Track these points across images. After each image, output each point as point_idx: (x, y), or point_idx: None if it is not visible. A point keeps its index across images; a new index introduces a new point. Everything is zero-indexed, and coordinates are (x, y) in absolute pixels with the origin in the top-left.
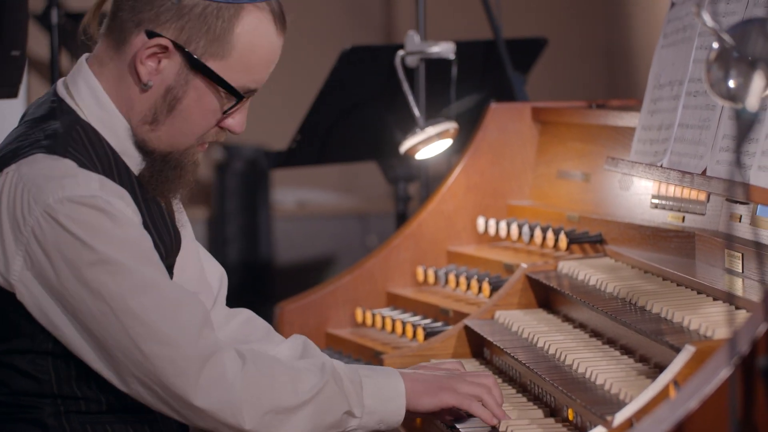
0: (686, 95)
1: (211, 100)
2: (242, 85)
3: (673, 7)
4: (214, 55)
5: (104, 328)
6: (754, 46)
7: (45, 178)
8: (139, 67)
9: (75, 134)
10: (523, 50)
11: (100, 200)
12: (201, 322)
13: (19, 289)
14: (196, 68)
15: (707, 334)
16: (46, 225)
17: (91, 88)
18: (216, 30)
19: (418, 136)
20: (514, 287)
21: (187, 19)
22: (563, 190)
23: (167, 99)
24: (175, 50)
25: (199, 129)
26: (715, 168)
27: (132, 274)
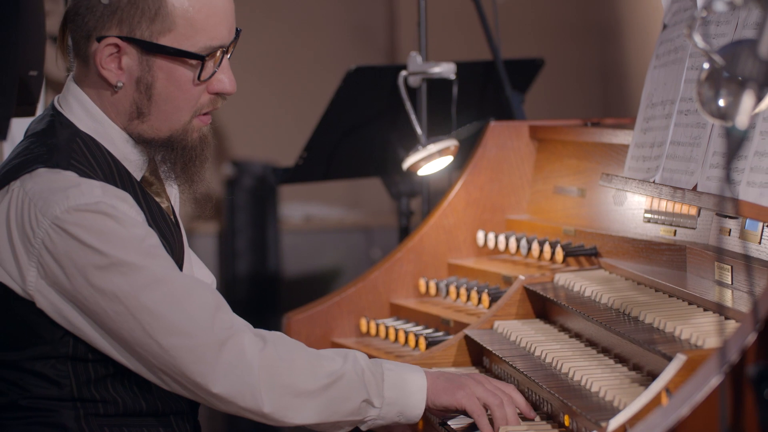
0: (678, 114)
1: (180, 73)
2: (203, 47)
3: (665, 29)
4: (160, 32)
5: (122, 326)
6: (744, 66)
7: (50, 191)
8: (104, 72)
9: (75, 146)
10: (521, 71)
11: (103, 205)
12: (214, 308)
13: (38, 298)
14: (151, 51)
15: (698, 343)
16: (56, 235)
17: (80, 103)
18: (150, 9)
19: (420, 153)
20: (512, 298)
21: (121, 11)
22: (560, 205)
23: (141, 89)
24: (125, 44)
25: (185, 103)
26: (706, 184)
27: (141, 272)
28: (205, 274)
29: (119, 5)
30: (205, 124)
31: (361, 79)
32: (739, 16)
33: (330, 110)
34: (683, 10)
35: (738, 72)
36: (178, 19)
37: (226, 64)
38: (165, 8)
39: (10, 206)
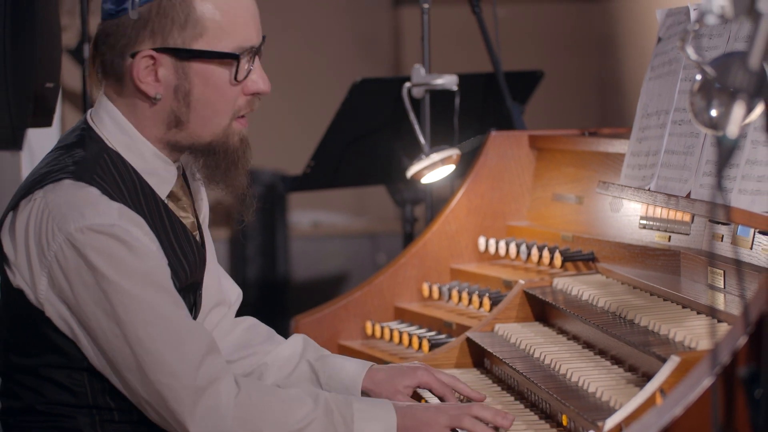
0: (672, 124)
1: (217, 76)
2: (235, 47)
3: (660, 42)
4: (192, 38)
5: (116, 350)
6: (734, 77)
7: (68, 206)
8: (142, 86)
9: (102, 161)
10: (521, 82)
11: (118, 229)
12: (204, 352)
13: (46, 307)
14: (186, 57)
15: (691, 345)
16: (68, 252)
17: (113, 118)
18: (180, 17)
19: (423, 162)
20: (512, 302)
21: (152, 24)
22: (558, 212)
23: (180, 98)
24: (160, 55)
25: (223, 106)
26: (699, 191)
27: (142, 304)
28: (232, 287)
29: (149, 18)
30: (244, 126)
31: (367, 90)
32: (731, 29)
33: (336, 120)
34: (677, 24)
35: (729, 83)
36: (207, 23)
37: (258, 65)
38: (194, 14)
39: (30, 215)
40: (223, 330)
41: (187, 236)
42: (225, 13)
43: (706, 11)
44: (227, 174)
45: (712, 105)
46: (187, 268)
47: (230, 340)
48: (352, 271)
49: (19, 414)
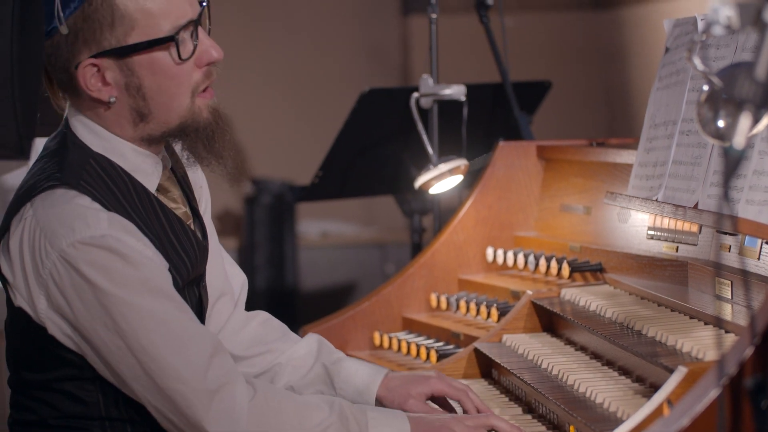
0: (679, 134)
1: (161, 61)
2: (171, 28)
3: (668, 53)
4: (126, 34)
5: (121, 361)
6: (741, 88)
7: (58, 222)
8: (94, 94)
9: (88, 166)
10: (529, 92)
11: (109, 239)
12: (211, 353)
13: (48, 325)
14: (125, 54)
15: (699, 356)
16: (62, 268)
17: (85, 125)
18: (106, 18)
19: (431, 172)
20: (520, 312)
21: (82, 32)
22: (566, 222)
23: (132, 94)
24: (100, 60)
25: (179, 87)
26: (706, 202)
27: (142, 313)
28: (237, 273)
29: (78, 28)
30: (210, 98)
31: (375, 100)
32: (738, 39)
33: (344, 130)
34: (684, 34)
35: (735, 94)
36: (135, 15)
37: (203, 35)
38: (118, 11)
39: (23, 234)
40: (236, 325)
41: (184, 230)
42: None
43: (713, 22)
44: (210, 148)
45: (719, 115)
46: (188, 264)
47: (245, 336)
48: (360, 281)
49: (32, 428)
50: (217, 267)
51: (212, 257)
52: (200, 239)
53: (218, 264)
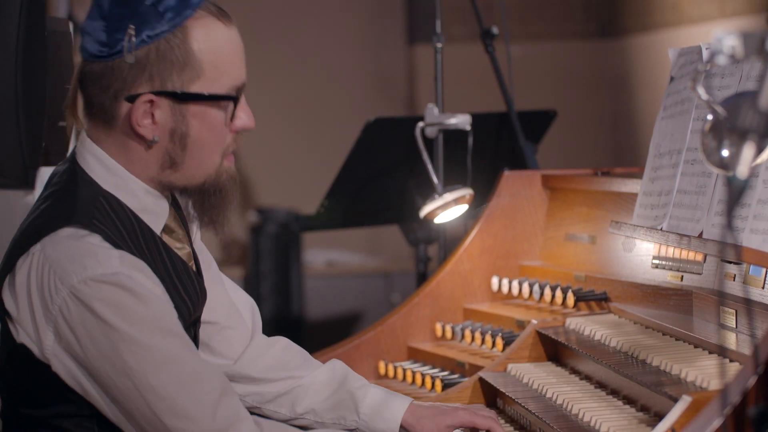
0: (684, 163)
1: (213, 116)
2: (230, 87)
3: (672, 82)
4: (191, 80)
5: (129, 400)
6: (745, 117)
7: (68, 259)
8: (139, 129)
9: (98, 204)
10: (534, 122)
11: (122, 276)
12: (219, 393)
13: (53, 362)
14: (184, 100)
15: (703, 385)
16: (72, 305)
17: (98, 159)
18: (178, 58)
19: (436, 202)
20: (525, 342)
21: (150, 67)
22: (571, 252)
23: (176, 140)
24: (158, 98)
25: (216, 147)
26: (711, 231)
27: (152, 352)
28: (243, 299)
29: (147, 61)
30: (231, 163)
31: (380, 130)
32: (743, 68)
33: (350, 160)
34: (689, 63)
35: (739, 123)
36: (204, 65)
37: (243, 101)
38: (192, 55)
39: (30, 270)
40: (257, 350)
41: (187, 271)
42: (220, 53)
43: (717, 51)
44: (217, 211)
45: (723, 145)
46: (190, 306)
47: (266, 361)
48: (366, 310)
49: None
50: (222, 299)
51: (216, 290)
52: (200, 280)
53: (222, 296)
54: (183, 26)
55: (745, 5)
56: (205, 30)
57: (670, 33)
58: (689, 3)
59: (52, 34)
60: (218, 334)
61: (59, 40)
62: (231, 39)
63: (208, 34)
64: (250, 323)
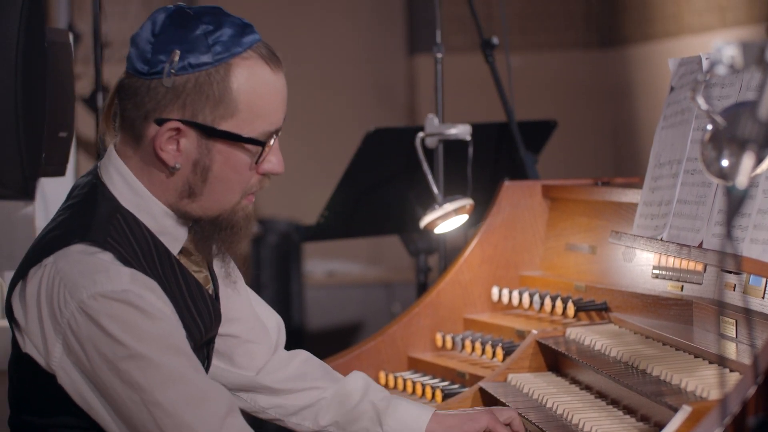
0: (684, 173)
1: (238, 157)
2: (261, 132)
3: (673, 91)
4: (223, 117)
5: (134, 416)
6: (744, 127)
7: (79, 274)
8: (162, 154)
9: (115, 221)
10: (535, 132)
11: (131, 294)
12: (225, 412)
13: (59, 374)
14: (212, 135)
15: (703, 395)
16: (81, 319)
17: (122, 176)
18: (215, 94)
19: (436, 212)
20: (525, 352)
21: (186, 96)
22: (571, 262)
23: (198, 172)
24: (187, 127)
25: (238, 186)
26: (711, 241)
27: (160, 368)
28: (270, 316)
29: (184, 90)
30: (250, 203)
31: (380, 140)
32: (743, 78)
33: (350, 170)
34: (689, 73)
35: (738, 133)
36: (240, 105)
37: (276, 145)
38: (230, 94)
39: (41, 282)
40: (279, 363)
41: (201, 294)
42: (259, 96)
43: (716, 61)
44: (228, 247)
45: (723, 155)
46: (202, 328)
47: (288, 373)
48: (367, 320)
49: None
50: (247, 314)
51: (242, 305)
52: (216, 303)
53: (248, 311)
54: (228, 63)
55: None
56: (249, 71)
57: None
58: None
59: (52, 45)
60: (240, 347)
61: (59, 51)
62: (274, 85)
63: (251, 76)
64: (275, 338)
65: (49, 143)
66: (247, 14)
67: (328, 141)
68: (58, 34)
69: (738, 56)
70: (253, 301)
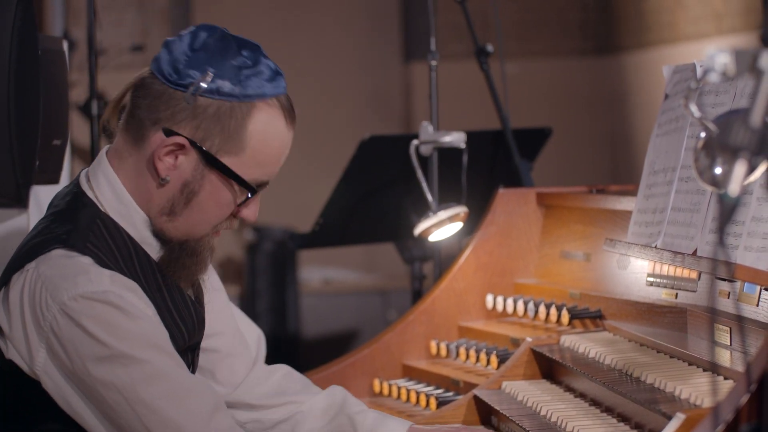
0: (678, 180)
1: (225, 194)
2: (255, 179)
3: (667, 99)
4: (228, 152)
5: (119, 416)
6: (736, 135)
7: (61, 277)
8: (158, 163)
9: (95, 228)
10: (530, 139)
11: (111, 295)
12: (212, 409)
13: (44, 379)
14: (211, 164)
15: (697, 402)
16: (63, 321)
17: (109, 182)
18: (230, 128)
19: (431, 220)
20: (519, 359)
21: (202, 119)
22: (566, 269)
23: (184, 193)
24: (191, 147)
25: (214, 220)
26: (705, 248)
27: (143, 366)
28: (250, 329)
29: (203, 112)
30: (217, 237)
31: (375, 147)
32: (737, 86)
33: (345, 178)
34: (684, 81)
35: (731, 141)
36: (248, 149)
37: (258, 196)
38: (243, 133)
39: (24, 287)
40: (258, 378)
41: (183, 299)
42: (268, 145)
43: (710, 69)
44: (183, 270)
45: (716, 162)
46: (185, 332)
47: (266, 388)
48: (362, 327)
49: None
50: (229, 326)
51: (223, 317)
52: (199, 309)
53: (229, 323)
54: (252, 104)
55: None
56: (268, 118)
57: (667, 50)
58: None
59: (46, 52)
60: (221, 362)
61: (54, 59)
62: (284, 139)
63: (268, 124)
64: (254, 352)
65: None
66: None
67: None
68: (52, 41)
69: (730, 64)
70: (236, 314)
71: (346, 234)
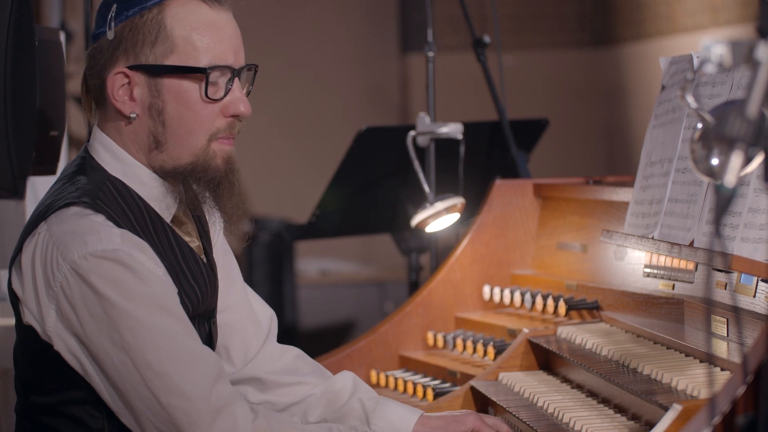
0: (675, 172)
1: (188, 92)
2: (206, 64)
3: (664, 90)
4: (163, 55)
5: (125, 378)
6: (732, 126)
7: (71, 235)
8: (117, 104)
9: (105, 188)
10: (527, 130)
11: (121, 253)
12: (215, 376)
13: (55, 340)
14: (157, 74)
15: (693, 393)
16: (73, 280)
17: (106, 147)
18: (151, 33)
19: (428, 211)
20: (516, 351)
21: (126, 42)
22: (563, 260)
23: (154, 116)
24: (133, 73)
25: (197, 125)
26: (702, 239)
27: (150, 328)
28: (263, 308)
29: (123, 36)
30: (228, 146)
31: (372, 139)
32: (733, 77)
33: (342, 169)
34: (680, 72)
35: (727, 132)
36: (178, 40)
37: (237, 87)
38: (164, 31)
39: (36, 248)
40: (271, 354)
41: (196, 260)
42: (195, 30)
43: (706, 60)
44: (215, 198)
45: (713, 153)
46: (198, 292)
47: (280, 365)
48: (360, 319)
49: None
50: (242, 303)
51: (237, 293)
52: (212, 274)
53: (243, 300)
54: (161, 4)
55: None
56: (184, 9)
57: (664, 42)
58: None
59: (43, 43)
60: (234, 337)
61: (50, 50)
62: (212, 19)
63: (184, 12)
64: (266, 328)
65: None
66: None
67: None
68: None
69: (727, 55)
70: (248, 292)
71: (343, 225)
